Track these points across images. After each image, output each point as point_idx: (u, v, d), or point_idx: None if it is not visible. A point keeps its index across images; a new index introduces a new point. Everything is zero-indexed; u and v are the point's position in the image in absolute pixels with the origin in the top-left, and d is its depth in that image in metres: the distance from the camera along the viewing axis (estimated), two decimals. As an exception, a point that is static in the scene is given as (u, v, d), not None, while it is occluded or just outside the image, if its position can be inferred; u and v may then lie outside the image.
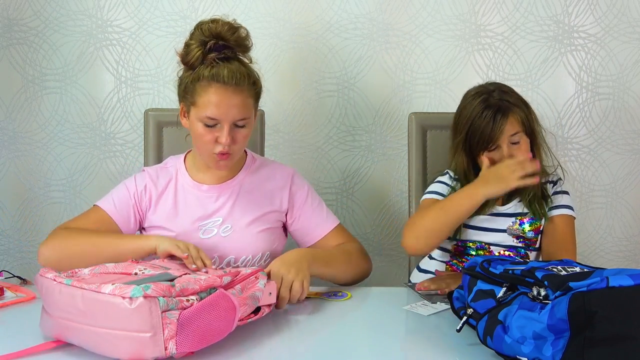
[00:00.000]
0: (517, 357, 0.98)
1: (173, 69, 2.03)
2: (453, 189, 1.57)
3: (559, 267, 1.04)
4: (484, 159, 1.50)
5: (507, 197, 1.56)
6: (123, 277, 1.08)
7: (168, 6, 2.04)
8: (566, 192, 1.57)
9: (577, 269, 1.04)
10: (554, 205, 1.54)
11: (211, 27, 1.38)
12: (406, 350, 1.15)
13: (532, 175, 1.41)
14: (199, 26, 1.40)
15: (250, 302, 1.12)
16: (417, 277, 1.66)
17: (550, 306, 0.94)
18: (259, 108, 1.81)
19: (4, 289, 1.35)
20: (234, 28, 1.40)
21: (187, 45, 1.41)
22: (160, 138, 1.80)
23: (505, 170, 1.42)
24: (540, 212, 1.53)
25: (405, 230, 1.51)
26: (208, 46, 1.37)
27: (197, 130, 1.40)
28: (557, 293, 0.95)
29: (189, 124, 1.45)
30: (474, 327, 1.10)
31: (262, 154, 1.82)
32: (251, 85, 1.40)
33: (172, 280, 1.03)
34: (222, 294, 1.04)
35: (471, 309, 1.11)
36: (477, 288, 1.13)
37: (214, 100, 1.35)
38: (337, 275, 1.45)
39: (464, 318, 1.11)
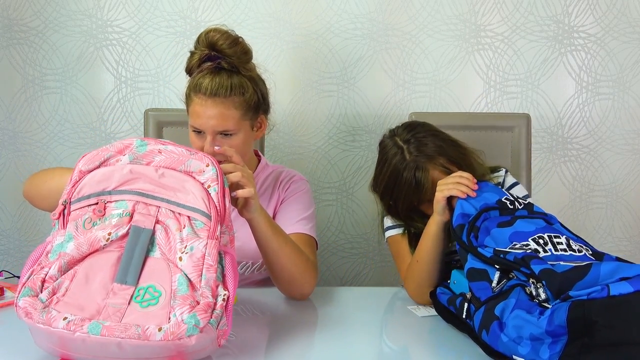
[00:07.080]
0: (514, 357, 0.98)
1: (173, 69, 2.06)
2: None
3: (546, 239, 1.10)
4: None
5: None
6: (99, 259, 1.01)
7: (168, 6, 2.04)
8: (516, 183, 1.53)
9: (564, 242, 1.12)
10: None
11: (207, 37, 1.38)
12: (406, 350, 1.15)
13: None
14: (199, 35, 1.40)
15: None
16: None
17: (550, 312, 0.94)
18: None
19: (4, 289, 1.35)
20: (230, 38, 1.38)
21: (190, 53, 1.42)
22: (160, 138, 1.80)
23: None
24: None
25: (406, 286, 1.44)
26: (203, 56, 1.37)
27: (190, 137, 1.41)
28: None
29: None
30: (470, 326, 1.10)
31: (262, 154, 1.82)
32: (238, 97, 1.37)
33: (152, 235, 1.03)
34: (232, 260, 1.05)
35: (469, 293, 1.11)
36: (470, 266, 1.13)
37: (195, 111, 1.36)
38: (279, 254, 1.28)
39: (465, 305, 1.12)
